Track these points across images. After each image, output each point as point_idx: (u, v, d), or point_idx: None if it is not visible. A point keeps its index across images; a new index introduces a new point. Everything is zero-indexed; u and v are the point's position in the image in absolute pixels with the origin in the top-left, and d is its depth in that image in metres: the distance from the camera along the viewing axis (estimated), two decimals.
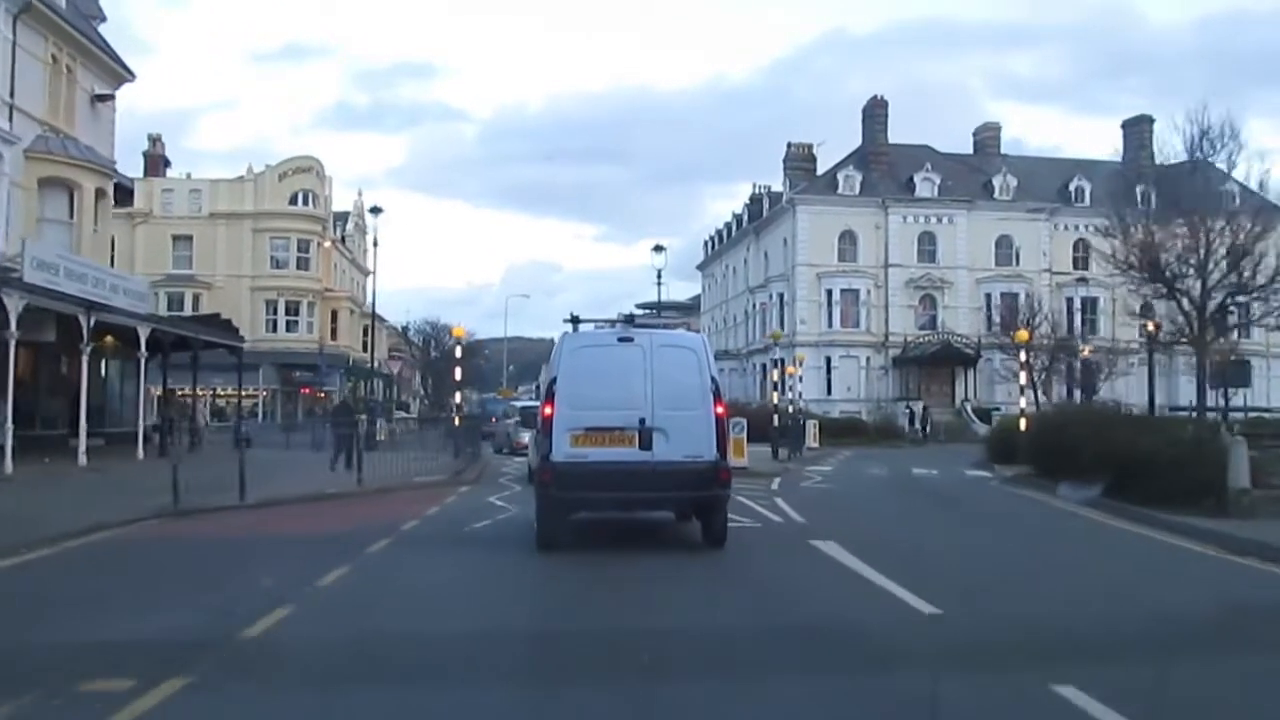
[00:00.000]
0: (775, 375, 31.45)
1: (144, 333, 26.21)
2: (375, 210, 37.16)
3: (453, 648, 6.49)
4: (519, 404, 37.60)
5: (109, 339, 28.15)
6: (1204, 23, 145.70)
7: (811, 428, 36.26)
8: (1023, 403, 27.77)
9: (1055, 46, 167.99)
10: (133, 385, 30.31)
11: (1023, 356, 28.72)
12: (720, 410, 10.57)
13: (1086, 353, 44.80)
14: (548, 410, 10.57)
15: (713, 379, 10.67)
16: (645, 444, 10.21)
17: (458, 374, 28.27)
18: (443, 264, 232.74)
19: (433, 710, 5.18)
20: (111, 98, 32.16)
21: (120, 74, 32.74)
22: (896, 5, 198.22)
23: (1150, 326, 26.79)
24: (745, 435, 23.45)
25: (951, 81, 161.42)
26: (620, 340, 10.83)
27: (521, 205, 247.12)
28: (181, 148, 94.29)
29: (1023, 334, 30.24)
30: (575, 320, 11.48)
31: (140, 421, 27.03)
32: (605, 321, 12.24)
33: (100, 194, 29.74)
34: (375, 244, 37.72)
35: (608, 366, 10.52)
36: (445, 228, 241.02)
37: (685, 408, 10.32)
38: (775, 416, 28.95)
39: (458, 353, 27.65)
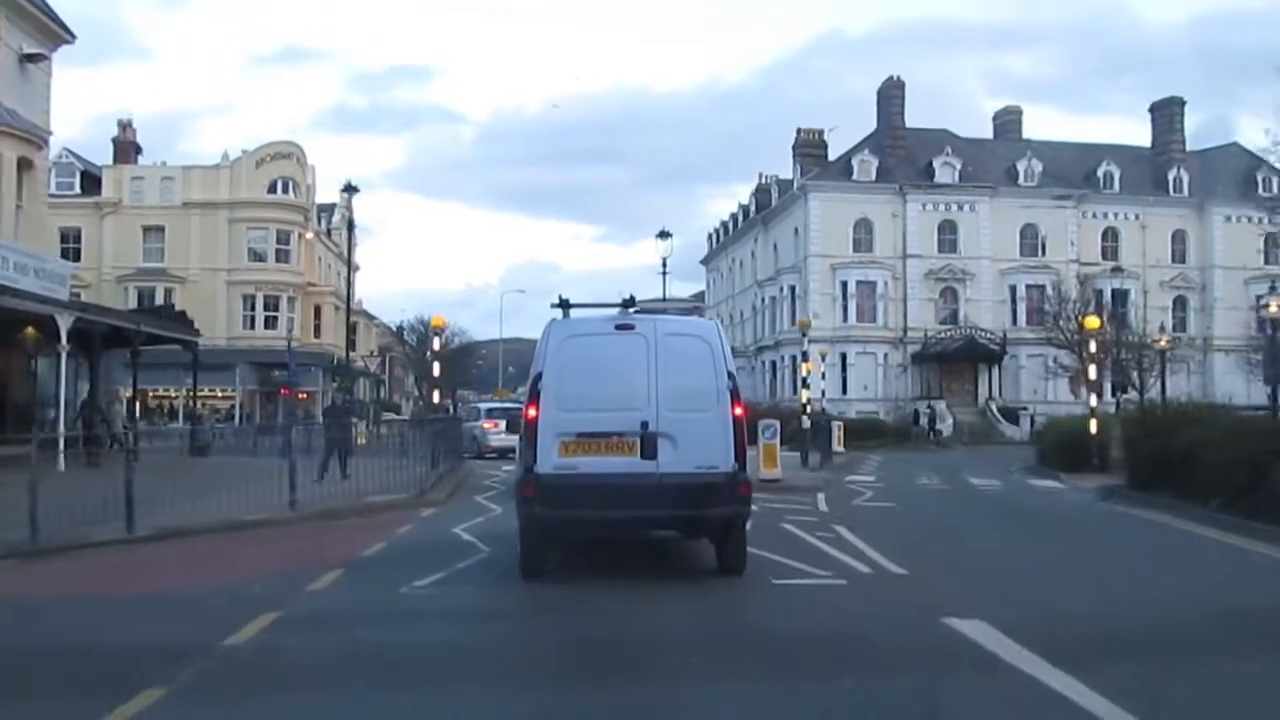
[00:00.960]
0: (804, 370, 27.01)
1: (64, 322, 21.85)
2: (350, 189, 32.93)
3: None
4: (484, 405, 33.68)
5: (29, 330, 23.93)
6: (1198, 21, 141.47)
7: (837, 430, 32.02)
8: (1093, 401, 23.52)
9: (1051, 46, 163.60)
10: (77, 385, 26.28)
11: (1092, 347, 24.31)
12: (739, 411, 8.94)
13: (1163, 343, 40.30)
14: (532, 412, 8.90)
15: (730, 374, 9.06)
16: (648, 452, 8.67)
17: (436, 369, 23.99)
18: (441, 265, 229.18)
19: None
20: (45, 58, 27.82)
21: (57, 34, 28.43)
22: (892, 6, 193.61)
23: (1275, 307, 22.34)
24: (779, 440, 19.15)
25: (948, 81, 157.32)
26: (618, 328, 9.23)
27: (520, 206, 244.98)
28: (180, 151, 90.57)
29: (1093, 321, 25.91)
30: (565, 305, 9.55)
31: (62, 426, 22.72)
32: (601, 307, 10.18)
33: (25, 164, 25.47)
34: (351, 227, 33.54)
35: (603, 359, 9.03)
36: (443, 229, 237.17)
37: (696, 409, 8.78)
38: (804, 418, 24.62)
39: (435, 344, 23.35)
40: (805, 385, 24.96)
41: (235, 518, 13.48)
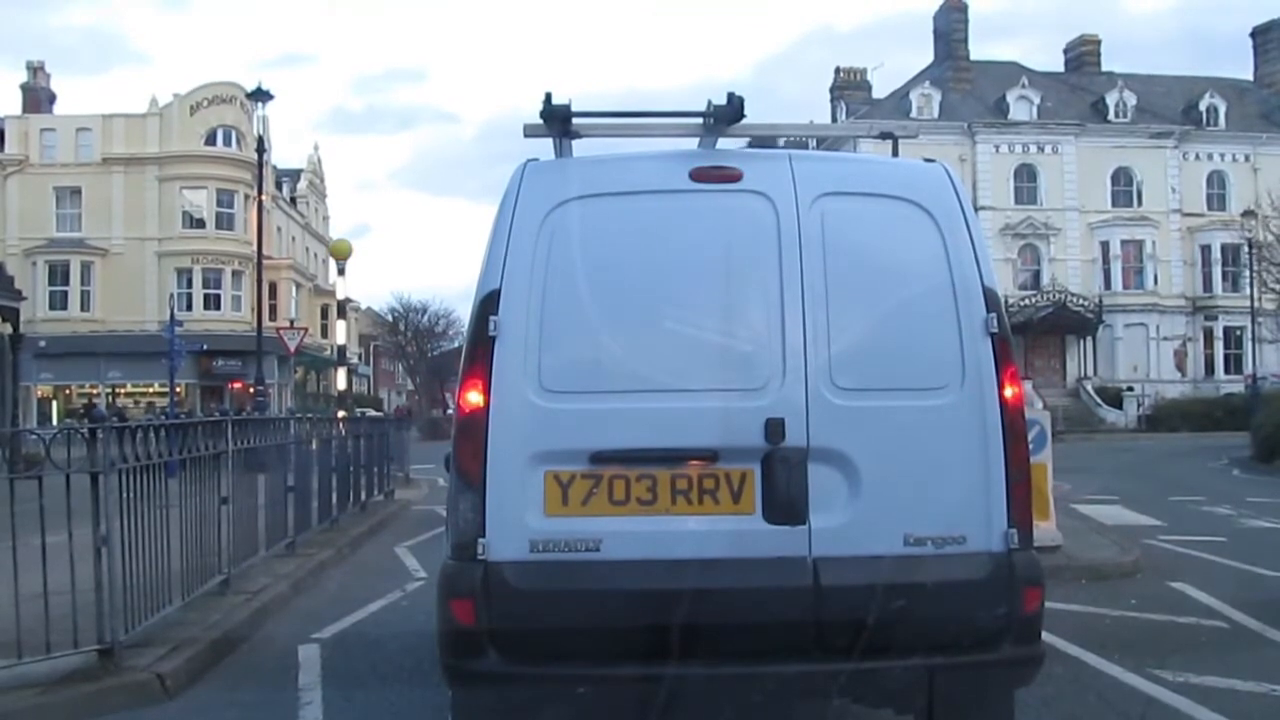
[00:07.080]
0: None
1: None
2: (258, 95, 22.15)
3: None
4: None
5: None
6: (1184, 7, 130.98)
7: None
8: None
9: (1037, 36, 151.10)
10: None
11: None
12: (1012, 392, 3.09)
13: None
14: (473, 398, 2.96)
15: (987, 296, 3.21)
16: (780, 504, 2.90)
17: (340, 332, 13.45)
18: (447, 261, 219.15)
19: None
20: None
21: None
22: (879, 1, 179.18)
23: None
24: (1049, 452, 8.48)
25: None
26: (699, 177, 3.12)
27: None
28: None
29: None
30: (562, 115, 3.16)
31: None
32: (644, 117, 3.43)
33: None
34: (261, 148, 22.73)
35: (660, 262, 3.07)
36: (448, 225, 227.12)
37: (910, 385, 3.09)
38: None
39: (340, 290, 12.81)
40: None
41: None
